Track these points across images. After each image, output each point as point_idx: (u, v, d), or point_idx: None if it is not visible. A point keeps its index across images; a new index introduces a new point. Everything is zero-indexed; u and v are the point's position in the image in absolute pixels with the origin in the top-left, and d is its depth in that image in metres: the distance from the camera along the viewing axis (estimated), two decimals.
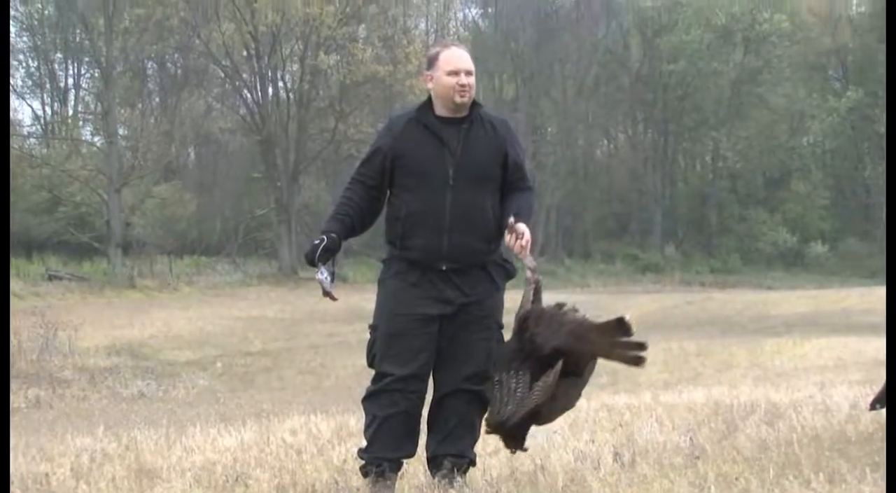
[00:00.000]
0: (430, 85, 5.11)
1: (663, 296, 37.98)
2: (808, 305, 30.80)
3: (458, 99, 5.02)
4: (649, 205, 57.97)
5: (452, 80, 5.01)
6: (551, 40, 54.97)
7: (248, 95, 46.93)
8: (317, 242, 5.01)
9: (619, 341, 4.49)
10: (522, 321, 4.78)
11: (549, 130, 59.42)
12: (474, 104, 5.09)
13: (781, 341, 21.47)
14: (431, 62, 5.11)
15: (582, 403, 4.75)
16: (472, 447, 5.15)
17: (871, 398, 6.30)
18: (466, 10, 60.61)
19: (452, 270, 5.01)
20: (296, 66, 47.16)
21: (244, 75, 46.83)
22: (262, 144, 46.11)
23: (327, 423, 8.14)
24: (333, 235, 5.03)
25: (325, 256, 4.98)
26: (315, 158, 47.29)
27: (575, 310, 4.69)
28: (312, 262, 4.98)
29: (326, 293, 5.02)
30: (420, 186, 5.02)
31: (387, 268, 5.16)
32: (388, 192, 5.13)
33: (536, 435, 5.08)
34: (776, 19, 55.73)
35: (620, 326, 4.49)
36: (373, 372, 5.11)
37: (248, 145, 50.62)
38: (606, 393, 11.31)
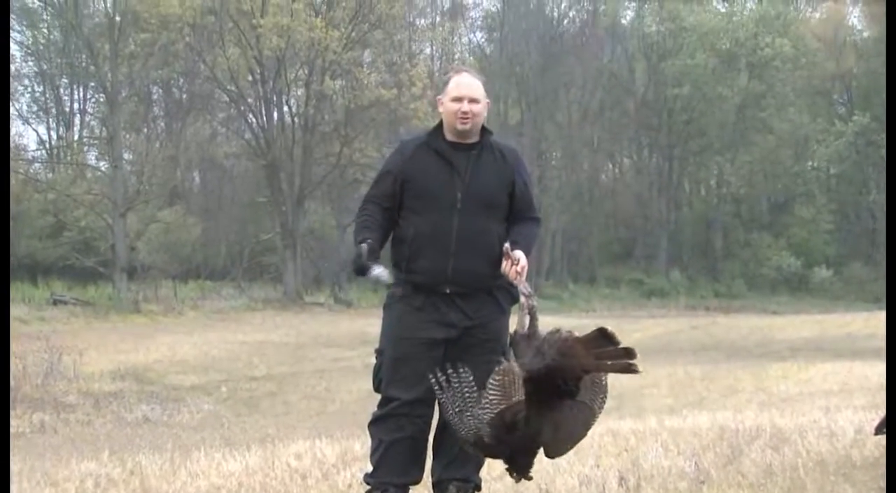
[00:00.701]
0: (440, 109, 5.16)
1: (668, 321, 37.91)
2: (812, 329, 30.76)
3: (459, 126, 5.05)
4: (654, 230, 57.97)
5: (455, 106, 5.05)
6: (556, 65, 55.08)
7: (254, 120, 46.90)
8: (357, 248, 4.96)
9: (605, 352, 4.47)
10: (511, 345, 4.77)
11: (554, 154, 59.47)
12: (485, 131, 5.12)
13: (786, 365, 21.40)
14: (443, 87, 5.18)
15: None
16: (478, 472, 5.16)
17: (876, 423, 6.29)
18: (472, 35, 60.83)
19: (457, 293, 5.02)
20: (301, 91, 47.16)
21: (249, 100, 46.85)
22: (267, 169, 46.08)
23: (332, 448, 8.12)
24: (370, 240, 4.99)
25: (371, 256, 4.94)
26: (320, 183, 47.16)
27: (569, 332, 4.66)
28: (362, 267, 4.91)
29: (389, 286, 5.02)
30: (428, 210, 5.04)
31: (392, 292, 5.17)
32: (397, 214, 5.14)
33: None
34: (779, 44, 55.83)
35: (604, 335, 4.46)
36: (378, 397, 5.11)
37: (254, 170, 50.62)
38: (612, 418, 11.26)
